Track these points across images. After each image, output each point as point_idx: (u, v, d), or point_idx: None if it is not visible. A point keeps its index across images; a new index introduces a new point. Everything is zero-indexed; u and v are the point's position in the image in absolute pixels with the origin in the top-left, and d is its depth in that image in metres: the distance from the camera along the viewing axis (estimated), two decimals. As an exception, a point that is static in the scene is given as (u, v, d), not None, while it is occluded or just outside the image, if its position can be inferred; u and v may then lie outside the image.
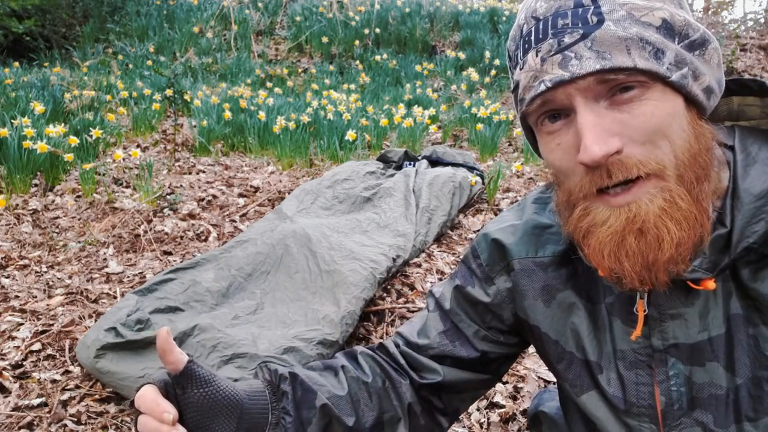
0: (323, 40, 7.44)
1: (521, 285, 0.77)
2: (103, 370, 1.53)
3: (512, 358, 0.87)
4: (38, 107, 3.41)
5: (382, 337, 1.90)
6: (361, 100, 5.50)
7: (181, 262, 2.15)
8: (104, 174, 3.11)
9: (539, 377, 1.67)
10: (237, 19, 7.73)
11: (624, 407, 0.68)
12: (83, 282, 2.09)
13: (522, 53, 0.61)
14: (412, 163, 3.39)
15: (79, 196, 2.87)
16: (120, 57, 6.69)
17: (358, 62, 7.26)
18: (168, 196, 2.86)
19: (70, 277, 2.12)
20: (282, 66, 7.04)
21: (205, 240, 2.54)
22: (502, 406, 1.57)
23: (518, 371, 1.71)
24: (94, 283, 2.10)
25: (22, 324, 1.80)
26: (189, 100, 4.48)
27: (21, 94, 4.10)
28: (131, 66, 6.41)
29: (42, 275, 2.12)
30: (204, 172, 3.44)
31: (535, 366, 1.71)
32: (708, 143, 0.58)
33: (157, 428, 0.59)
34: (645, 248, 0.56)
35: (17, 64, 6.02)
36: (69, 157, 2.85)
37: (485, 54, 7.03)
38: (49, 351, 1.70)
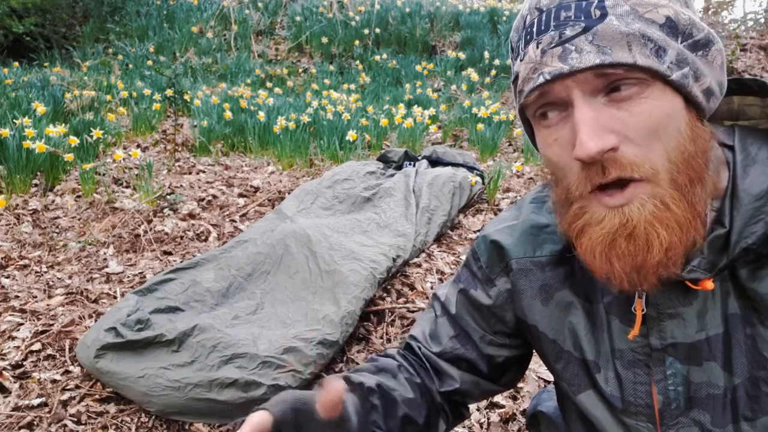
0: (323, 40, 7.44)
1: (519, 285, 0.77)
2: (103, 370, 1.53)
3: (523, 361, 0.87)
4: (39, 107, 3.41)
5: (382, 337, 1.90)
6: (361, 100, 5.50)
7: (181, 262, 2.15)
8: (104, 174, 3.11)
9: (539, 377, 1.68)
10: (237, 19, 7.73)
11: (621, 406, 0.68)
12: (83, 282, 2.09)
13: (523, 44, 0.60)
14: (412, 163, 3.39)
15: (79, 196, 2.87)
16: (120, 57, 6.68)
17: (358, 62, 7.25)
18: (168, 196, 2.86)
19: (70, 277, 2.12)
20: (282, 66, 7.04)
21: (205, 240, 2.54)
22: (502, 406, 1.57)
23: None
24: (94, 283, 2.10)
25: (22, 324, 1.80)
26: (189, 100, 4.48)
27: (21, 94, 4.10)
28: (131, 66, 6.41)
29: (42, 275, 2.13)
30: (204, 172, 3.44)
31: (536, 366, 1.71)
32: (704, 146, 0.58)
33: None
34: (634, 251, 0.56)
35: (17, 64, 6.02)
36: (69, 157, 2.85)
37: (485, 54, 7.02)
38: (49, 351, 1.70)
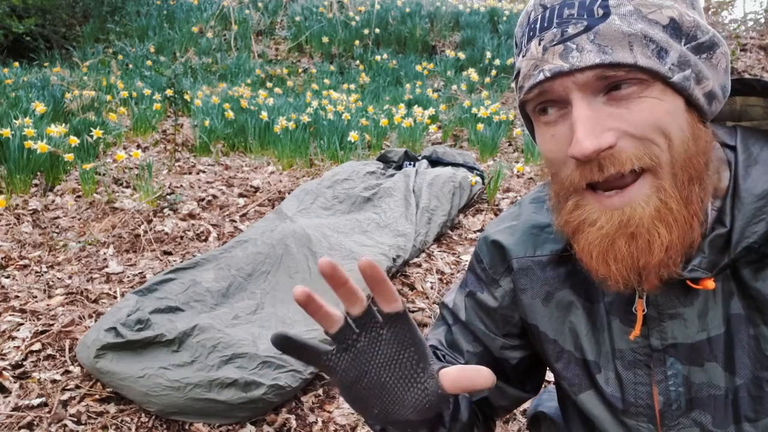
0: (323, 40, 7.44)
1: (520, 284, 0.77)
2: (103, 370, 1.53)
3: (540, 363, 0.84)
4: (39, 107, 3.41)
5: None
6: (361, 100, 5.50)
7: (181, 262, 2.15)
8: (104, 174, 3.11)
9: (539, 377, 1.67)
10: (237, 19, 7.73)
11: (622, 407, 0.67)
12: (83, 282, 2.09)
13: (526, 40, 0.60)
14: (412, 163, 3.39)
15: (79, 196, 2.86)
16: (120, 57, 6.68)
17: (358, 62, 7.25)
18: (168, 196, 2.86)
19: (70, 277, 2.12)
20: (282, 66, 7.04)
21: (205, 240, 2.54)
22: (502, 406, 1.57)
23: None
24: (94, 283, 2.10)
25: (22, 324, 1.80)
26: (189, 100, 4.48)
27: (21, 94, 4.10)
28: (131, 66, 6.41)
29: (42, 275, 2.12)
30: (204, 172, 3.44)
31: (535, 366, 1.70)
32: (705, 147, 0.57)
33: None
34: (635, 252, 0.56)
35: (17, 64, 6.02)
36: (69, 157, 2.85)
37: (485, 54, 7.02)
38: (49, 351, 1.70)
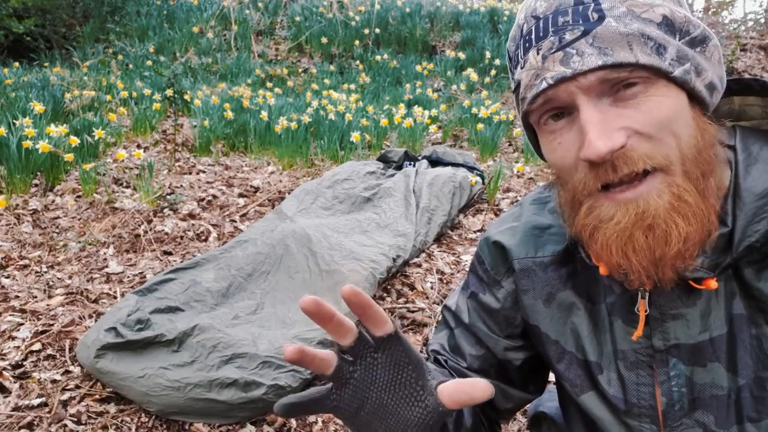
0: (323, 40, 7.43)
1: (522, 285, 0.77)
2: (103, 370, 1.53)
3: (543, 364, 0.84)
4: (38, 107, 3.41)
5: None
6: (362, 100, 5.50)
7: (181, 262, 2.15)
8: (104, 174, 3.11)
9: (539, 377, 1.67)
10: (237, 19, 7.72)
11: (624, 408, 0.67)
12: (83, 282, 2.09)
13: (523, 52, 0.60)
14: (412, 163, 3.39)
15: (80, 196, 2.86)
16: (120, 57, 6.68)
17: (358, 62, 7.25)
18: (168, 196, 2.86)
19: (70, 277, 2.12)
20: (282, 66, 7.04)
21: (205, 240, 2.54)
22: (503, 407, 1.57)
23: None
24: (94, 283, 2.10)
25: (22, 324, 1.80)
26: (189, 100, 4.48)
27: (21, 94, 4.09)
28: (131, 66, 6.40)
29: (42, 275, 2.12)
30: (204, 172, 3.44)
31: (536, 366, 1.70)
32: (712, 139, 0.58)
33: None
34: (653, 243, 0.56)
35: (17, 64, 6.01)
36: (69, 157, 2.85)
37: (485, 54, 7.03)
38: (49, 351, 1.70)
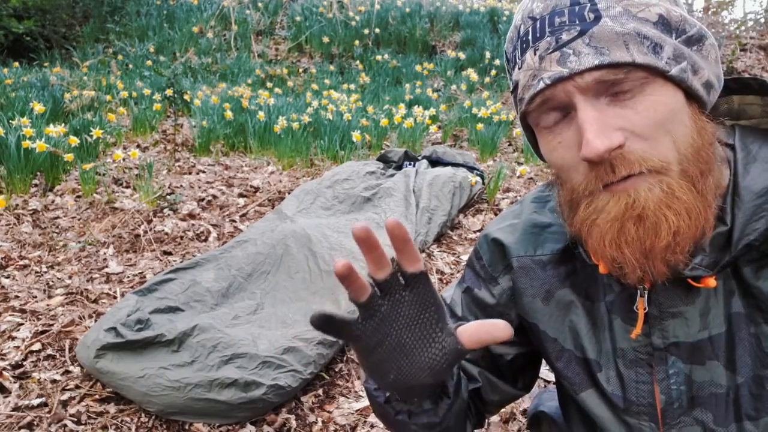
0: (323, 40, 7.43)
1: (520, 283, 0.77)
2: (103, 370, 1.53)
3: (535, 361, 0.86)
4: (38, 107, 3.41)
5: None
6: (362, 100, 5.50)
7: (181, 262, 2.15)
8: (104, 174, 3.11)
9: (540, 377, 1.67)
10: (237, 19, 7.72)
11: (623, 406, 0.67)
12: (83, 282, 2.09)
13: (520, 53, 0.61)
14: (412, 163, 3.39)
15: (79, 196, 2.86)
16: (120, 57, 6.68)
17: (358, 62, 7.25)
18: (168, 196, 2.86)
19: (70, 277, 2.12)
20: (282, 66, 7.03)
21: (205, 240, 2.54)
22: (503, 406, 1.57)
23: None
24: (94, 283, 2.10)
25: (22, 324, 1.80)
26: (189, 100, 4.48)
27: (21, 94, 4.09)
28: (131, 66, 6.40)
29: (42, 275, 2.12)
30: (204, 172, 3.44)
31: (536, 366, 1.70)
32: (710, 138, 0.58)
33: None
34: (643, 234, 0.56)
35: (17, 64, 6.01)
36: (69, 157, 2.85)
37: (485, 54, 7.03)
38: (49, 351, 1.70)
